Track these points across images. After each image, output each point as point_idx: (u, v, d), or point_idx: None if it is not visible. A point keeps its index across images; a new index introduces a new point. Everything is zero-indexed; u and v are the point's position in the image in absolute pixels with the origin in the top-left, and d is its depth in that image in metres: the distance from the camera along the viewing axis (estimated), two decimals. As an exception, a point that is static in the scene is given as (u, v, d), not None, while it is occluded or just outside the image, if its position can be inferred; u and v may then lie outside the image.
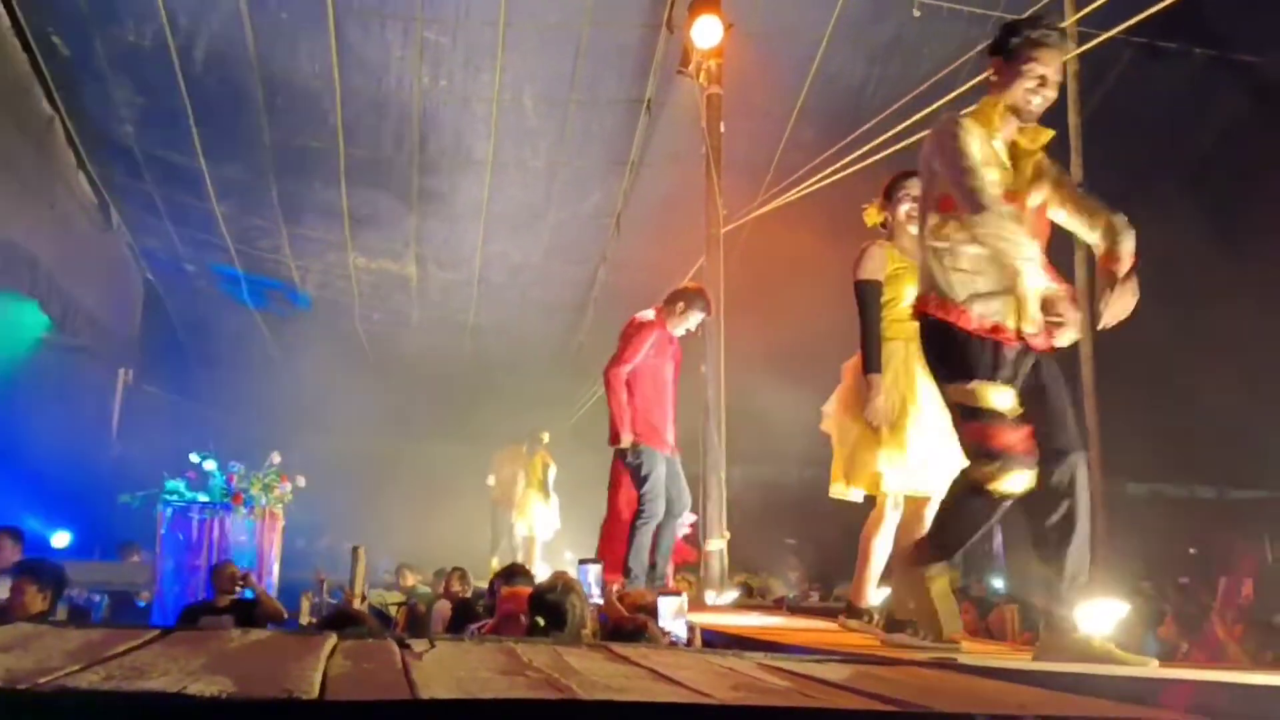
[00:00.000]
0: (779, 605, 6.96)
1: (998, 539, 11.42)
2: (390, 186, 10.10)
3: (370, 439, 13.96)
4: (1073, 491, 2.90)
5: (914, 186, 3.87)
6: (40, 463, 9.68)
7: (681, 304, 6.18)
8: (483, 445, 12.33)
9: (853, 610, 4.02)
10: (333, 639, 1.88)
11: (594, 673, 1.53)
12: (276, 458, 7.58)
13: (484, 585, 7.05)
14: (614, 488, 6.24)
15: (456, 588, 7.58)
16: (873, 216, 4.17)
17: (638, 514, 5.84)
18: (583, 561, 4.45)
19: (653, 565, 5.97)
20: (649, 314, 6.23)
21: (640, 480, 5.85)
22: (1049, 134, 3.10)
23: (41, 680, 1.20)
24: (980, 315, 2.91)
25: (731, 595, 6.40)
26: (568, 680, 1.41)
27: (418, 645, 1.89)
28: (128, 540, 9.25)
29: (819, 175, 7.41)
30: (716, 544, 6.62)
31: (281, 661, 1.52)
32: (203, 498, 7.29)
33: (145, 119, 9.38)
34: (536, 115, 9.24)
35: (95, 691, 1.16)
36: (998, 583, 10.21)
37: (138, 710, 1.14)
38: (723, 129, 7.50)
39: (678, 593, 4.23)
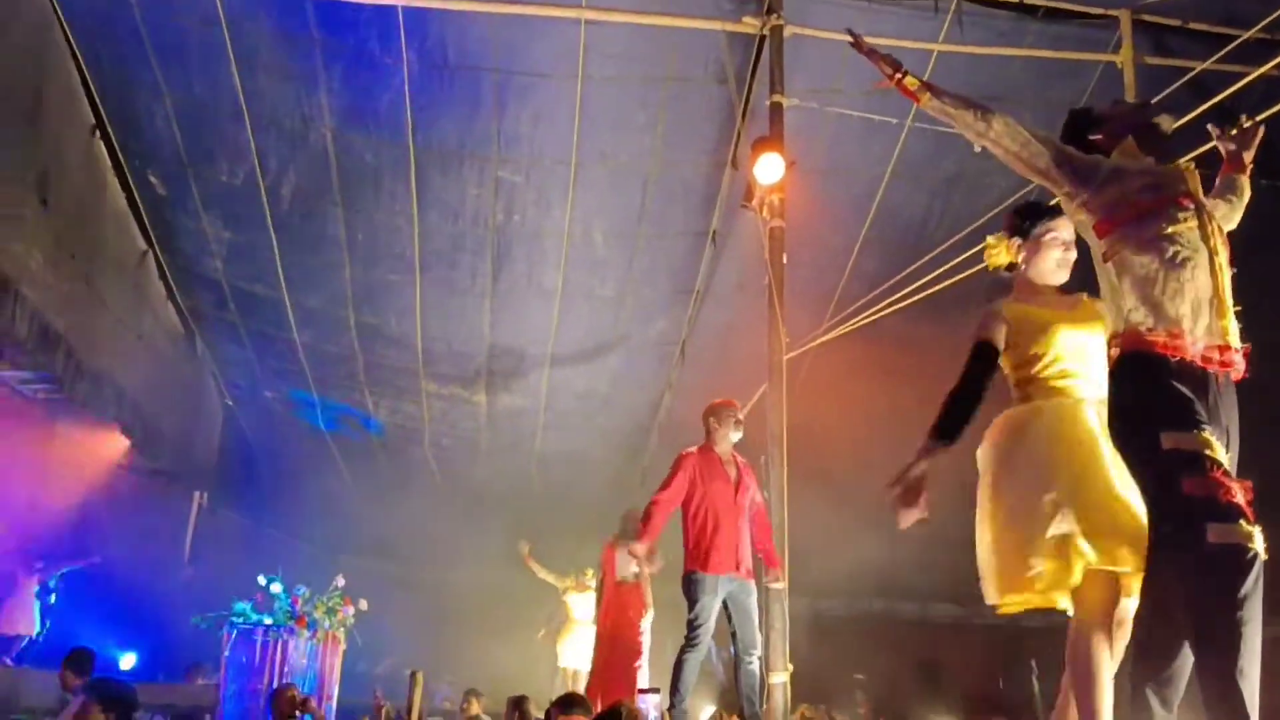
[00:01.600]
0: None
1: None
2: (464, 317, 10.39)
3: (435, 564, 14.01)
4: None
5: (1063, 228, 3.31)
6: (114, 583, 9.89)
7: (712, 420, 6.25)
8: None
9: None
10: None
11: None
12: (341, 581, 7.64)
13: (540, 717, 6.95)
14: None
15: (521, 717, 7.49)
16: (1000, 255, 3.47)
17: (685, 642, 5.76)
18: (642, 691, 4.39)
19: (750, 712, 5.79)
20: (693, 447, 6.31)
21: (689, 605, 5.79)
22: None
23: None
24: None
25: (796, 730, 6.22)
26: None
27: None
28: (195, 662, 9.32)
29: (881, 305, 7.46)
30: (779, 677, 6.46)
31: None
32: (267, 620, 7.34)
33: (233, 253, 9.85)
34: (606, 247, 9.50)
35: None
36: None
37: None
38: (785, 260, 7.62)
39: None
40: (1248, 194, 3.26)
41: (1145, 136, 3.10)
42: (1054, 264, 3.34)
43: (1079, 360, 3.17)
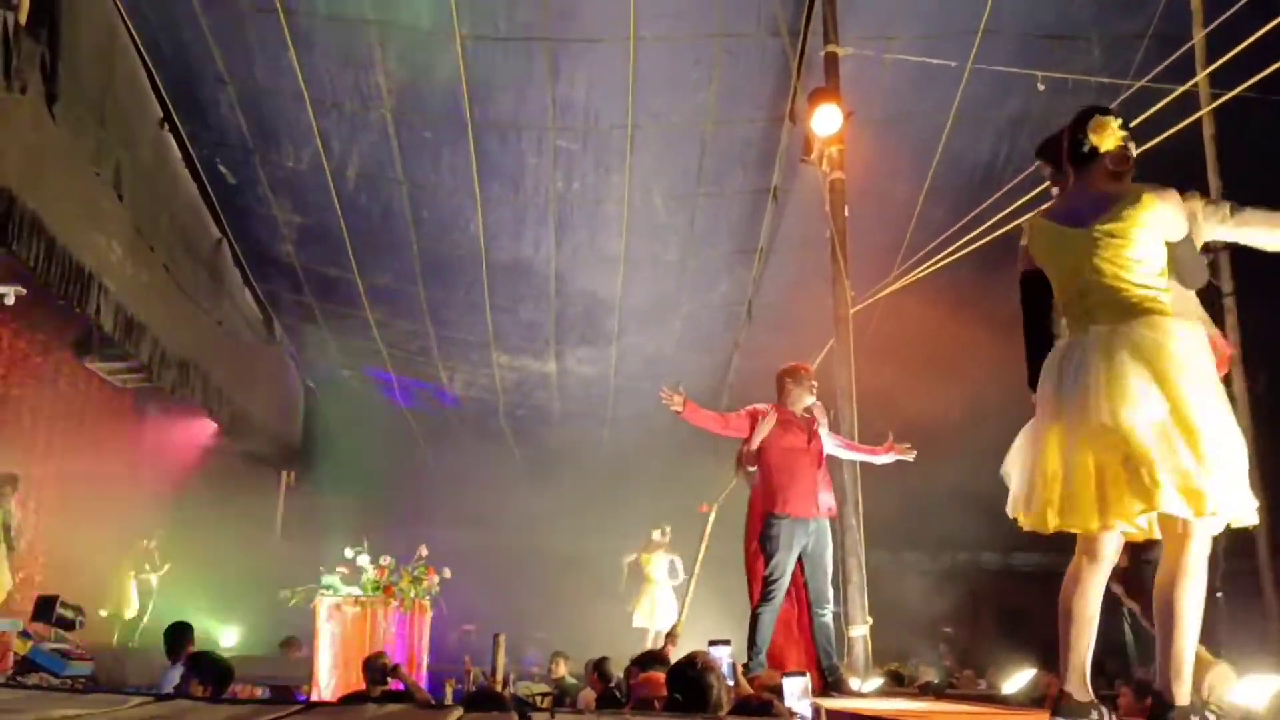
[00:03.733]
0: (924, 690, 6.68)
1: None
2: (530, 286, 10.46)
3: (516, 531, 14.19)
4: None
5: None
6: (211, 561, 10.19)
7: (788, 381, 6.22)
8: (625, 537, 12.39)
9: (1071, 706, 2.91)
10: (458, 711, 1.94)
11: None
12: (424, 551, 7.78)
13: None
14: (749, 579, 6.18)
15: (601, 677, 7.57)
16: (1109, 137, 3.08)
17: (760, 597, 5.77)
18: (713, 643, 4.40)
19: (826, 664, 5.79)
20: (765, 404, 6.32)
21: (766, 558, 5.79)
22: None
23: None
24: None
25: (876, 683, 6.18)
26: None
27: (538, 717, 1.92)
28: (289, 636, 9.59)
29: (949, 251, 7.30)
30: (859, 630, 6.44)
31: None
32: (355, 591, 7.51)
33: (303, 236, 10.04)
34: (666, 211, 9.46)
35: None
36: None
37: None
38: (847, 213, 7.50)
39: (803, 673, 4.12)
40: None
41: (1077, 163, 3.10)
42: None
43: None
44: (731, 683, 4.18)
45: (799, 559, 5.87)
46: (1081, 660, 2.86)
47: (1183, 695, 2.64)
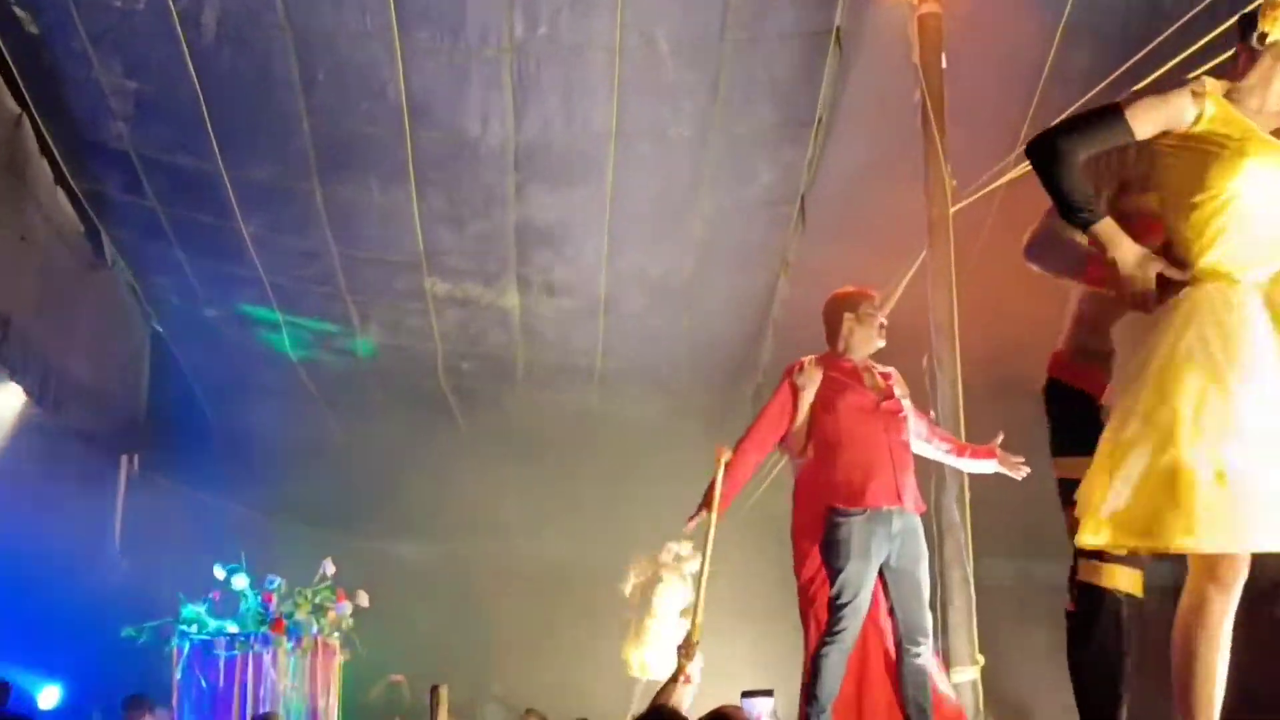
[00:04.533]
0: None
1: None
2: (478, 181, 10.44)
3: (463, 539, 14.30)
4: None
5: None
6: (20, 587, 10.21)
7: (848, 316, 6.21)
8: (622, 545, 12.49)
9: None
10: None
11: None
12: (330, 568, 7.84)
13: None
14: (805, 606, 6.21)
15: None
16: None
17: (826, 630, 5.80)
18: (747, 694, 4.46)
19: None
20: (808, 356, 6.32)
21: (832, 574, 5.81)
22: None
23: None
24: None
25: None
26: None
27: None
28: (136, 693, 9.66)
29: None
30: (964, 674, 6.52)
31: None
32: (231, 627, 7.57)
33: (143, 111, 9.96)
34: (676, 64, 9.36)
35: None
36: None
37: None
38: (944, 64, 7.47)
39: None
40: None
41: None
42: None
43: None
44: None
45: (880, 573, 5.90)
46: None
47: None
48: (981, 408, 7.27)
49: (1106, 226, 3.38)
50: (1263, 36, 3.46)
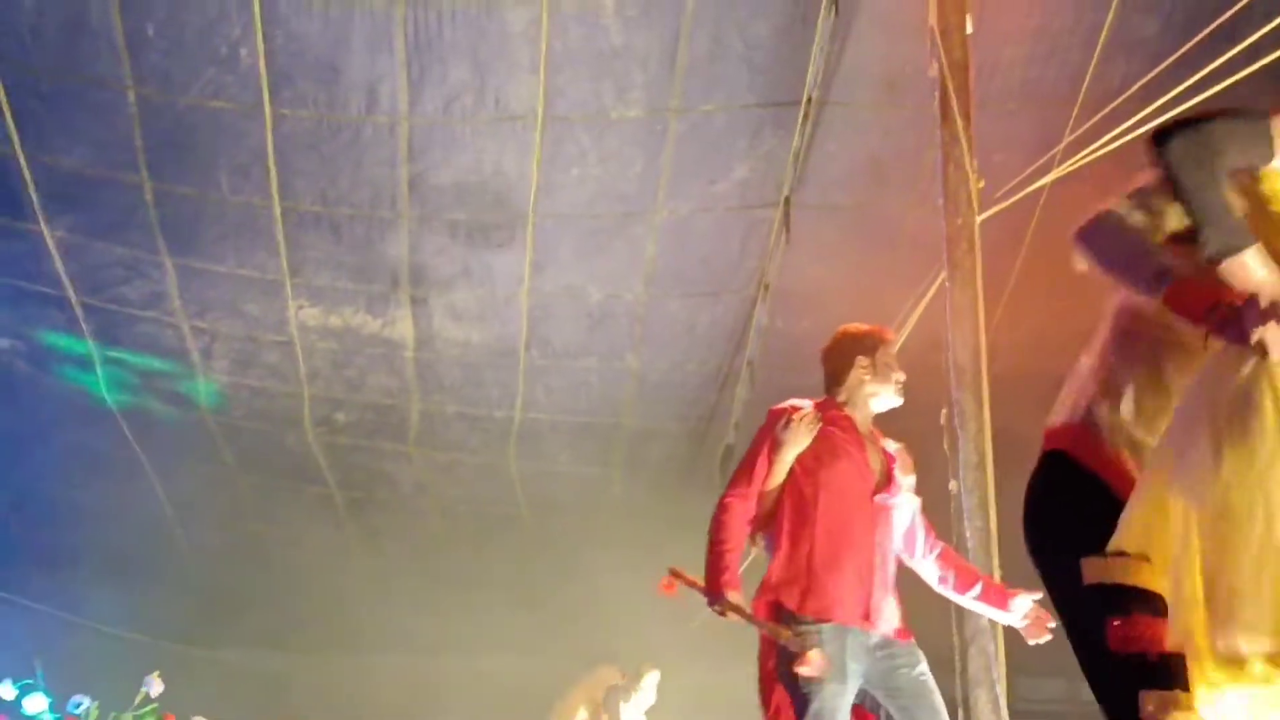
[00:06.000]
0: None
1: None
2: (359, 173, 10.45)
3: (339, 652, 14.23)
4: None
5: None
6: None
7: (861, 361, 6.19)
8: (555, 657, 12.52)
9: None
10: None
11: None
12: (156, 686, 7.76)
13: None
14: None
15: None
16: None
17: None
18: None
19: None
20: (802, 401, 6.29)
21: (797, 704, 5.79)
22: None
23: None
24: None
25: None
26: None
27: None
28: None
29: (1169, 97, 7.33)
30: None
31: None
32: (21, 767, 7.49)
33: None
34: (623, 26, 9.44)
35: None
36: None
37: None
38: (969, 30, 7.52)
39: None
40: None
41: None
42: None
43: None
44: None
45: (867, 701, 5.90)
46: None
47: None
48: (1015, 483, 7.28)
49: (1259, 253, 3.33)
50: None
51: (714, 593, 5.91)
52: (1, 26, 9.38)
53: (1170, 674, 3.44)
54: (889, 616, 5.87)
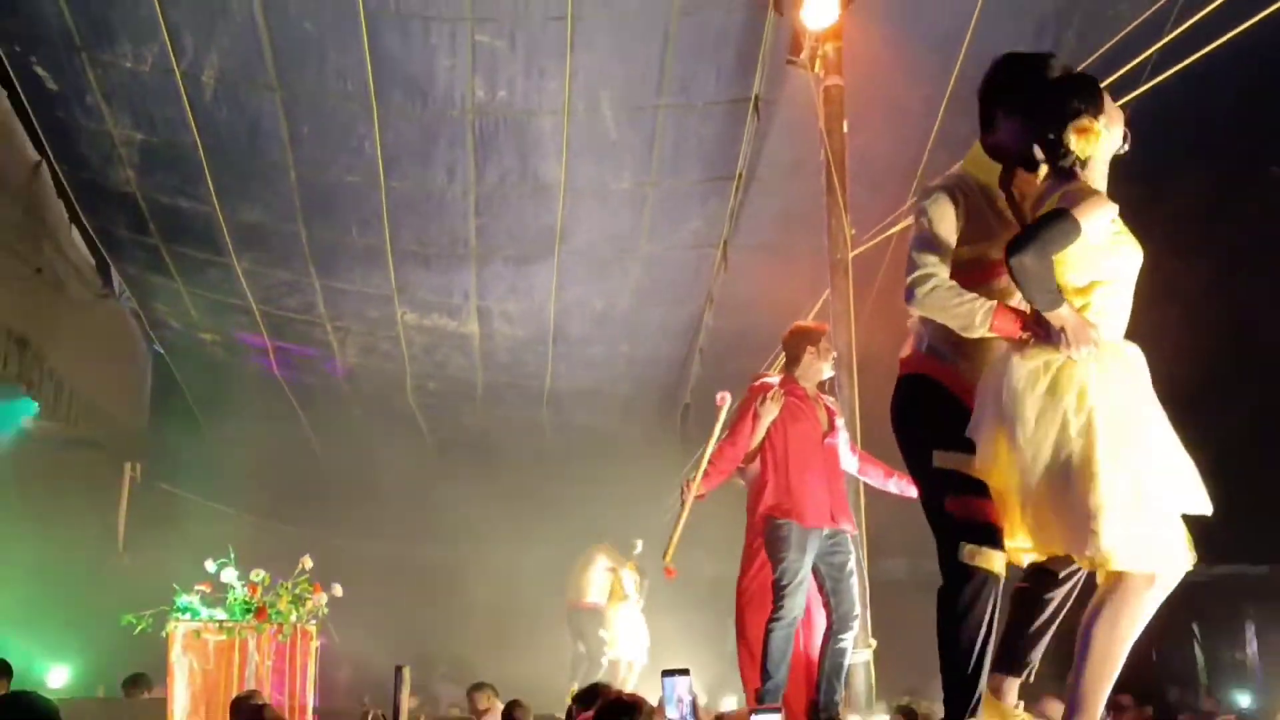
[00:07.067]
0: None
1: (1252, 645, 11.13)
2: (443, 224, 10.52)
3: (428, 540, 14.30)
4: None
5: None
6: (33, 580, 10.12)
7: (808, 347, 6.31)
8: (567, 546, 12.56)
9: None
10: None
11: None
12: (308, 562, 7.78)
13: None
14: (742, 605, 6.28)
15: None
16: (1092, 137, 3.56)
17: (772, 611, 5.88)
18: (667, 673, 4.48)
19: (825, 700, 5.96)
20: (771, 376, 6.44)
21: (774, 565, 5.91)
22: None
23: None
24: None
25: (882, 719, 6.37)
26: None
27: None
28: (136, 673, 9.59)
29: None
30: (860, 655, 6.59)
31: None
32: (220, 615, 7.53)
33: (148, 159, 9.95)
34: (618, 126, 9.49)
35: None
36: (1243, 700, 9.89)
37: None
38: (845, 129, 7.59)
39: (777, 709, 4.22)
40: None
41: None
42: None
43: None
44: (692, 720, 4.28)
45: (816, 569, 5.99)
46: None
47: None
48: (879, 426, 7.36)
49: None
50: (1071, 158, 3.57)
51: (686, 487, 6.29)
52: (205, 130, 9.42)
53: (986, 535, 3.62)
54: (841, 517, 6.01)
